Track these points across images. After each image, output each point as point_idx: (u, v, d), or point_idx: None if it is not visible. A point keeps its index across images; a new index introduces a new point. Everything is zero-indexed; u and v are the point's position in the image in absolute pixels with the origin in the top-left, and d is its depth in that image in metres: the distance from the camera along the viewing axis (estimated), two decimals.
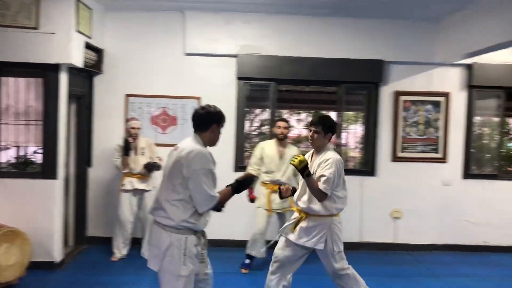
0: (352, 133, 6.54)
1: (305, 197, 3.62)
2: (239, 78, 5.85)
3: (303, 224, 3.62)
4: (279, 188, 3.77)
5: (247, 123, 6.41)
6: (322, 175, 3.49)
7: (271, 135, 5.95)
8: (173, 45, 5.80)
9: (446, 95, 5.95)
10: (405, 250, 5.97)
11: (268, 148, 5.11)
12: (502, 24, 4.50)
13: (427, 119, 5.97)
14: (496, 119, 6.17)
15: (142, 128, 5.48)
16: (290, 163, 3.54)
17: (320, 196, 3.50)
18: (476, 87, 5.95)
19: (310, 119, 6.95)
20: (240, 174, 5.93)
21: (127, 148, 5.14)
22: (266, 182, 5.06)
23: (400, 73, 5.94)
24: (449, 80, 5.99)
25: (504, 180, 6.10)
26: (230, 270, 5.06)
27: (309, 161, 3.63)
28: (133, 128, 5.26)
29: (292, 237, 3.66)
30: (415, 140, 5.99)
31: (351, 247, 5.82)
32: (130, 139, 5.21)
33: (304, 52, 5.77)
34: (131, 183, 5.23)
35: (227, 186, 3.07)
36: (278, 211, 5.07)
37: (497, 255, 5.90)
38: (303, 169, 3.43)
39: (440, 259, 5.69)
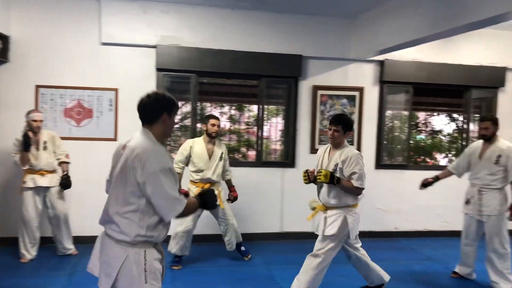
0: (273, 126, 6.67)
1: (324, 193, 3.92)
2: (159, 70, 5.72)
3: (323, 216, 3.97)
4: (307, 172, 4.00)
5: None
6: (353, 173, 3.76)
7: (193, 130, 5.90)
8: (88, 33, 5.53)
9: (360, 89, 6.25)
10: None
11: (197, 146, 4.99)
12: (410, 23, 4.80)
13: (342, 113, 6.23)
14: (405, 113, 6.58)
15: (55, 121, 5.17)
16: (318, 182, 3.82)
17: (357, 191, 3.81)
18: (387, 82, 6.31)
19: (233, 112, 7.00)
20: None
21: (27, 142, 4.74)
22: (196, 181, 4.98)
23: (317, 68, 6.14)
24: (363, 76, 6.29)
25: (413, 170, 6.53)
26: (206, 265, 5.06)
27: (326, 156, 3.97)
28: (34, 120, 4.87)
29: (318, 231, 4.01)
30: None
31: (272, 238, 5.98)
32: (30, 133, 4.84)
33: (226, 45, 5.77)
34: (33, 180, 4.90)
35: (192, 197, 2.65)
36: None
37: (406, 240, 6.32)
38: (331, 179, 3.72)
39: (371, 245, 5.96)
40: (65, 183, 4.95)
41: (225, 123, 7.14)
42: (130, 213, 2.36)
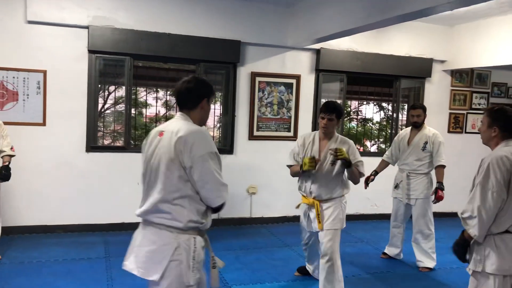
0: (211, 113, 6.60)
1: (316, 186, 3.82)
2: (91, 52, 5.45)
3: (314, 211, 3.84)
4: (315, 159, 3.74)
5: (100, 101, 6.05)
6: (359, 161, 3.79)
7: (128, 115, 5.71)
8: (12, 10, 5.14)
9: (297, 77, 6.35)
10: (260, 223, 6.30)
11: None
12: (346, 13, 4.92)
13: (280, 100, 6.31)
14: (339, 101, 6.77)
15: None
16: (339, 158, 3.58)
17: (358, 178, 3.85)
18: (323, 70, 6.45)
19: (173, 98, 6.85)
20: (93, 155, 5.64)
21: None
22: None
23: (256, 54, 6.15)
24: (300, 64, 6.38)
25: None
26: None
27: (317, 145, 3.86)
28: None
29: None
30: (270, 119, 6.29)
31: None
32: None
33: (163, 27, 5.61)
34: None
35: None
36: None
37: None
38: (344, 160, 3.62)
39: (292, 230, 6.09)
40: (5, 174, 4.56)
41: (159, 109, 6.99)
42: (180, 199, 2.27)
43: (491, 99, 7.36)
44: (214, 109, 6.47)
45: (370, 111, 9.05)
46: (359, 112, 9.80)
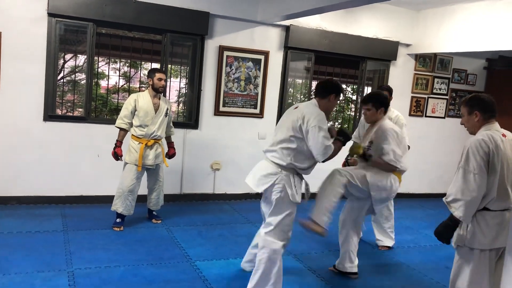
0: (176, 86, 6.45)
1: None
2: (51, 15, 5.15)
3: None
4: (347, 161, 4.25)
5: (59, 68, 5.76)
6: (385, 152, 3.82)
7: (88, 86, 5.47)
8: None
9: (266, 53, 6.26)
10: (223, 199, 6.26)
11: (142, 100, 4.78)
12: None
13: (248, 76, 6.22)
14: (306, 81, 6.76)
15: None
16: (355, 156, 3.98)
17: (389, 167, 3.86)
18: (291, 48, 6.39)
19: (133, 68, 6.62)
20: (52, 124, 5.37)
21: None
22: (139, 137, 4.77)
23: (225, 28, 6.01)
24: (269, 40, 6.30)
25: None
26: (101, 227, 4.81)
27: (363, 128, 4.20)
28: None
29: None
30: (236, 95, 6.20)
31: (172, 199, 5.88)
32: None
33: None
34: None
35: (334, 140, 3.49)
36: (150, 166, 4.87)
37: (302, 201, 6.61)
38: (364, 153, 3.88)
39: (254, 207, 6.07)
40: None
41: (116, 80, 6.75)
42: (286, 149, 3.37)
43: (451, 85, 7.57)
44: (180, 82, 6.32)
45: None
46: None
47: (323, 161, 3.43)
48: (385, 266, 4.52)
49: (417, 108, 7.36)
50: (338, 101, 3.80)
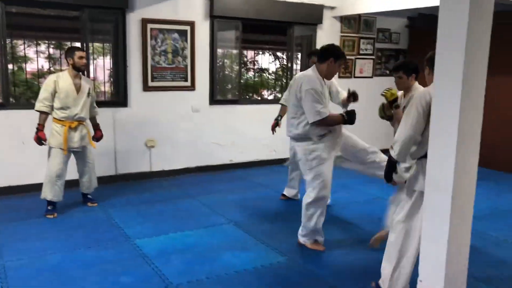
0: (102, 65, 6.18)
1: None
2: None
3: None
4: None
5: None
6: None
7: (4, 71, 5.12)
8: None
9: (191, 24, 6.12)
10: (161, 176, 6.18)
11: (62, 81, 4.52)
12: None
13: (175, 48, 6.07)
14: (235, 51, 6.70)
15: None
16: (382, 95, 3.76)
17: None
18: (217, 17, 6.29)
19: (52, 50, 6.27)
20: None
21: None
22: (61, 119, 4.53)
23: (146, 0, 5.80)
24: (193, 9, 6.15)
25: (244, 105, 6.81)
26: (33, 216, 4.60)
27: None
28: None
29: None
30: (165, 69, 6.05)
31: (107, 181, 5.72)
32: None
33: None
34: None
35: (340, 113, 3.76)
36: (76, 149, 4.68)
37: (241, 170, 6.68)
38: (393, 101, 3.72)
39: (194, 181, 6.11)
40: None
41: (43, 64, 6.39)
42: (295, 118, 3.78)
43: (377, 45, 7.81)
44: (104, 60, 6.07)
45: (266, 61, 9.14)
46: (255, 62, 9.85)
47: (319, 125, 3.67)
48: (324, 223, 4.66)
49: (346, 70, 7.54)
50: (341, 65, 3.97)
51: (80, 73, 4.68)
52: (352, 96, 4.23)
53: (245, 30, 6.63)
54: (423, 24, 7.74)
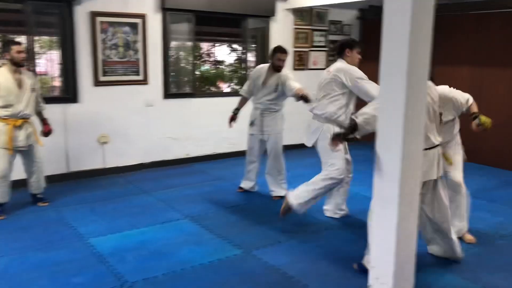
0: (50, 60, 5.95)
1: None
2: None
3: None
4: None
5: None
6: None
7: None
8: None
9: (142, 17, 5.99)
10: (115, 173, 6.04)
11: (1, 77, 4.30)
12: None
13: (126, 42, 5.93)
14: (189, 43, 6.61)
15: None
16: (482, 126, 3.69)
17: None
18: (169, 9, 6.19)
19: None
20: None
21: None
22: (5, 118, 4.33)
23: None
24: (144, 2, 6.02)
25: (200, 98, 6.76)
26: None
27: None
28: None
29: None
30: (116, 63, 5.90)
31: (59, 180, 5.55)
32: None
33: None
34: None
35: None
36: (22, 148, 4.49)
37: (197, 164, 6.64)
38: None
39: (149, 176, 6.01)
40: None
41: None
42: (326, 101, 4.07)
43: (329, 37, 7.92)
44: (52, 55, 5.84)
45: (223, 53, 9.10)
46: (211, 55, 9.78)
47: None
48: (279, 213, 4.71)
49: (300, 62, 7.62)
50: (358, 53, 4.15)
51: (21, 68, 4.48)
52: (303, 100, 4.45)
53: (198, 22, 6.55)
54: (374, 16, 7.90)
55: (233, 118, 5.21)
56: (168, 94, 6.41)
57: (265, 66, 5.11)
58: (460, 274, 3.39)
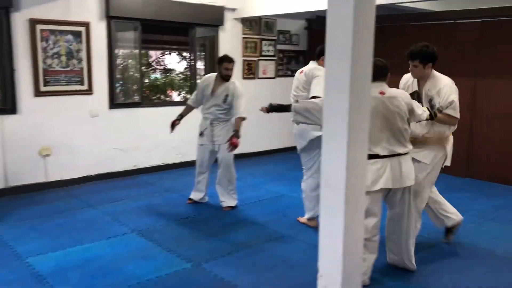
0: None
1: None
2: None
3: None
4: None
5: None
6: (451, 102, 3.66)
7: None
8: None
9: (86, 25, 5.80)
10: (59, 187, 5.79)
11: None
12: None
13: (69, 50, 5.71)
14: (136, 51, 6.47)
15: None
16: (426, 119, 3.56)
17: (454, 120, 3.75)
18: (114, 17, 6.03)
19: None
20: None
21: None
22: None
23: None
24: (88, 10, 5.84)
25: (148, 108, 6.62)
26: None
27: (416, 85, 3.85)
28: None
29: None
30: (59, 72, 5.67)
31: None
32: None
33: None
34: None
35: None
36: None
37: (146, 176, 6.47)
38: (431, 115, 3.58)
39: (95, 189, 5.80)
40: None
41: None
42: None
43: (278, 46, 8.00)
44: None
45: (173, 61, 9.00)
46: (160, 63, 9.65)
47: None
48: (231, 224, 4.67)
49: (249, 71, 7.64)
50: None
51: None
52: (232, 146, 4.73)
53: (145, 30, 6.44)
54: (320, 26, 8.05)
55: (175, 123, 5.08)
56: (114, 104, 6.23)
57: (213, 75, 5.08)
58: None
